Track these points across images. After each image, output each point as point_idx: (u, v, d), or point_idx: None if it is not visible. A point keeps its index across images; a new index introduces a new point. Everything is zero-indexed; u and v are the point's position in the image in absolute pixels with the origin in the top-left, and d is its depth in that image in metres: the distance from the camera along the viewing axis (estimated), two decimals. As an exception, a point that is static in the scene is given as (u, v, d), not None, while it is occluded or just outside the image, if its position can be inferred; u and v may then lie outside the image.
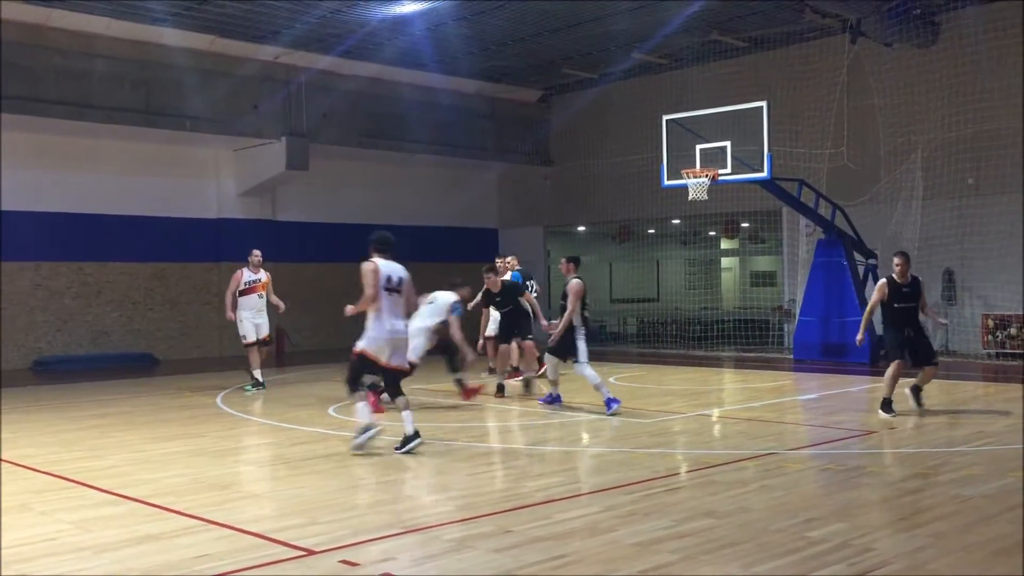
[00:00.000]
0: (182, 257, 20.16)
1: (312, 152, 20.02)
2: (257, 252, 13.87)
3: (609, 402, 10.66)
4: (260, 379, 13.72)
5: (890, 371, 10.34)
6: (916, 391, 10.56)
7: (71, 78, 17.02)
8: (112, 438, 9.98)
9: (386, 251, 8.64)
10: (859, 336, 10.67)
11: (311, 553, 5.40)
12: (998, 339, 16.81)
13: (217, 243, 20.63)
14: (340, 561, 5.23)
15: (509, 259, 15.11)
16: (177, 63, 18.22)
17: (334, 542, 5.60)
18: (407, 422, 8.37)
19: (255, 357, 13.73)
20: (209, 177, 20.72)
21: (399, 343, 8.51)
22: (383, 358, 8.40)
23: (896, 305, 10.38)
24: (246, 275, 13.75)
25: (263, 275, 13.86)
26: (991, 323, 16.90)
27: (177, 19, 17.32)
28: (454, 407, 11.47)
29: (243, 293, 13.68)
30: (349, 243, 22.73)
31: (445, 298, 11.82)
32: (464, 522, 6.05)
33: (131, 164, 19.31)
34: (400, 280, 8.55)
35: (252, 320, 13.70)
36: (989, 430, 9.37)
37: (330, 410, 11.50)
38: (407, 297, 8.66)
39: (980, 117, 16.98)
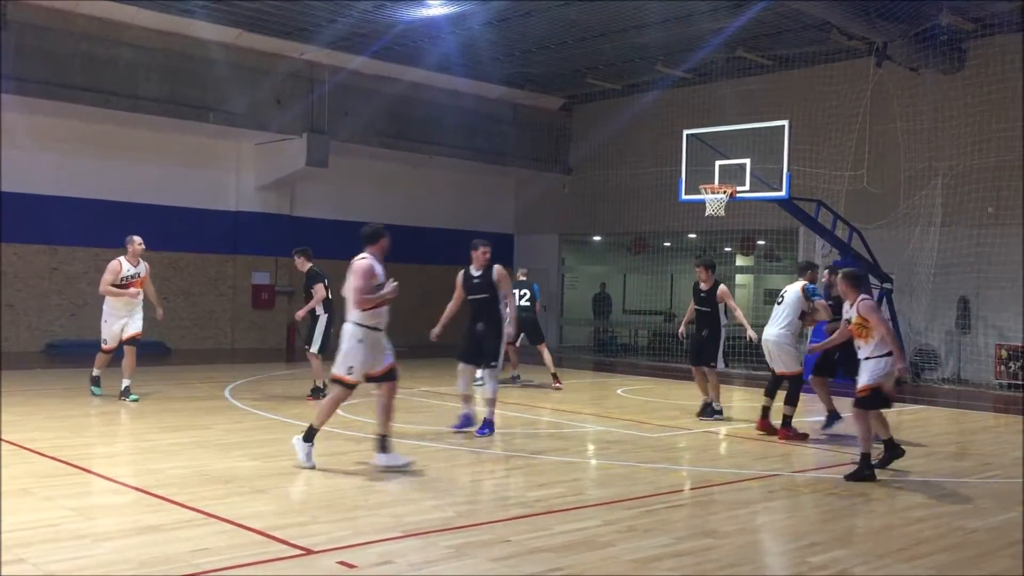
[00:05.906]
0: (198, 247, 20.26)
1: (332, 150, 20.08)
2: (139, 239, 11.60)
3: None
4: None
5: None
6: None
7: (96, 65, 17.11)
8: (119, 426, 10.03)
9: None
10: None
11: (309, 552, 5.40)
12: (1011, 370, 16.68)
13: (234, 235, 20.77)
14: (338, 562, 5.23)
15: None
16: (203, 55, 18.32)
17: (333, 542, 5.61)
18: None
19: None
20: (229, 169, 20.83)
21: None
22: None
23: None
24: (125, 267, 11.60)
25: (143, 267, 11.77)
26: (1004, 353, 16.79)
27: (205, 11, 17.41)
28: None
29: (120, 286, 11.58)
30: (364, 242, 22.87)
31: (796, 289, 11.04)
32: (463, 529, 6.04)
33: (152, 153, 19.40)
34: None
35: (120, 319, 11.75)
36: (997, 463, 9.31)
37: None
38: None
39: (1004, 146, 16.86)
